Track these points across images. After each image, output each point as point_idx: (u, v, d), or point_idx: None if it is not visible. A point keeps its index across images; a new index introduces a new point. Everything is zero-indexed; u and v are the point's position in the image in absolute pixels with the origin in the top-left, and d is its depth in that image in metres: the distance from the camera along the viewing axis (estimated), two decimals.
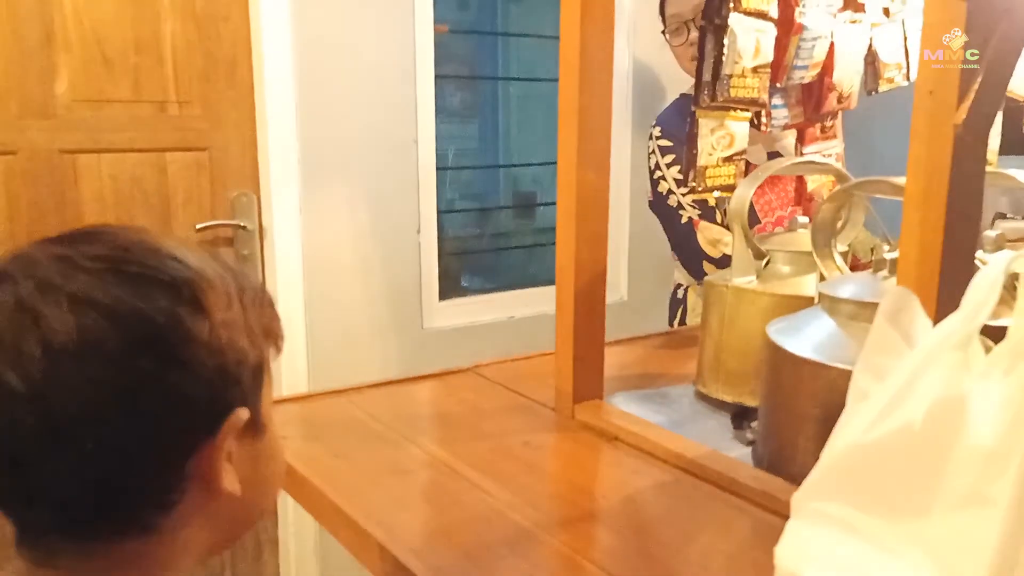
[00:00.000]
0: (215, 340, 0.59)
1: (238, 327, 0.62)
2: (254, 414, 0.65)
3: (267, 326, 0.67)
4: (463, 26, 2.76)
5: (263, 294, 0.68)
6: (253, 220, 2.15)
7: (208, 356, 0.59)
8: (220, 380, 0.60)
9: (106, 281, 0.56)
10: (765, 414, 1.17)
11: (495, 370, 1.56)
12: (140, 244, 0.60)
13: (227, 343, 0.60)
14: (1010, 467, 0.56)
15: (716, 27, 1.40)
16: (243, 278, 0.66)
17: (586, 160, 1.29)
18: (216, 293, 0.61)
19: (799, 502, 0.69)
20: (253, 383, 0.64)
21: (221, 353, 0.60)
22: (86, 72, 1.95)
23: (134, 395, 0.56)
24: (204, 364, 0.59)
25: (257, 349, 0.64)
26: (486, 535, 1.01)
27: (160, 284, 0.58)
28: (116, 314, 0.55)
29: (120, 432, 0.56)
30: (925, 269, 0.82)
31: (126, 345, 0.55)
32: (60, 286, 0.55)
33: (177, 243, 0.62)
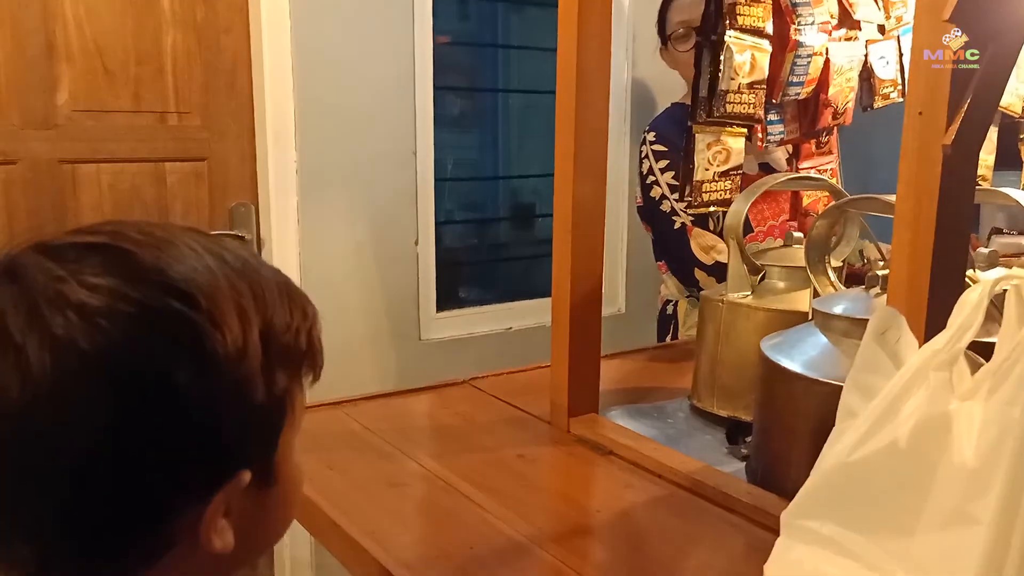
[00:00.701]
0: (215, 396, 0.52)
1: (250, 373, 0.53)
2: (265, 464, 0.58)
3: (298, 354, 0.59)
4: (463, 38, 2.78)
5: (296, 312, 0.59)
6: (251, 230, 2.16)
7: (204, 415, 0.52)
8: (217, 442, 0.53)
9: (95, 322, 0.49)
10: (759, 429, 1.18)
11: (491, 383, 1.56)
12: (145, 266, 0.52)
13: (231, 397, 0.53)
14: (993, 486, 0.57)
15: (712, 43, 1.41)
16: (271, 302, 0.56)
17: (583, 172, 1.30)
18: (225, 336, 0.52)
19: (788, 520, 0.70)
20: (267, 431, 0.57)
21: (221, 410, 0.52)
22: (87, 82, 1.96)
23: (111, 451, 0.50)
24: (198, 425, 0.51)
25: (278, 389, 0.56)
26: (480, 549, 1.01)
27: (157, 327, 0.50)
28: (98, 362, 0.49)
29: (96, 487, 0.50)
30: (915, 288, 0.83)
31: (105, 396, 0.49)
32: (46, 320, 0.49)
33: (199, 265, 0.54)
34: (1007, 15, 0.84)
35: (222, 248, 0.57)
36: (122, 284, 0.50)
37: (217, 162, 2.13)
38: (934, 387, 0.61)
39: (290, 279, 0.61)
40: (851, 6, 1.61)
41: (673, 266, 1.95)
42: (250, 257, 0.58)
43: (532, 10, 2.87)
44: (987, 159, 1.97)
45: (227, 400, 0.52)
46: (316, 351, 0.61)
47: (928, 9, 0.83)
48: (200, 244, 0.55)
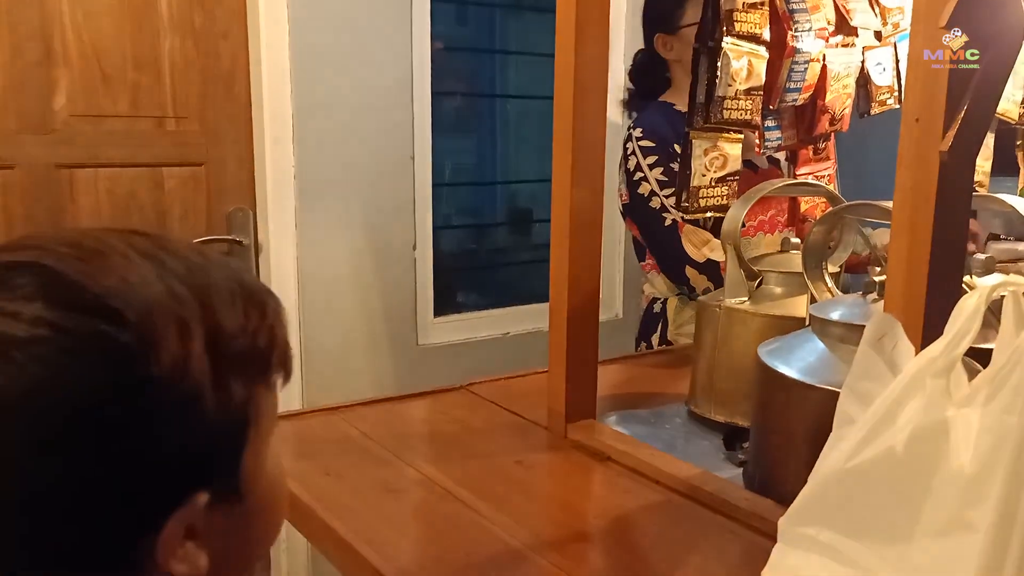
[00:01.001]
0: (153, 421, 0.47)
1: (195, 389, 0.49)
2: (229, 480, 0.53)
3: (259, 357, 0.54)
4: (461, 43, 2.78)
5: (253, 312, 0.54)
6: (249, 235, 2.16)
7: (143, 443, 0.47)
8: (163, 468, 0.49)
9: (10, 355, 0.44)
10: (756, 435, 1.18)
11: (488, 388, 1.56)
12: (69, 285, 0.47)
13: (174, 419, 0.48)
14: (990, 493, 0.57)
15: (709, 50, 1.42)
16: (220, 305, 0.52)
17: (580, 178, 1.30)
18: (160, 354, 0.47)
19: (785, 526, 0.69)
20: (225, 447, 0.53)
21: (164, 435, 0.48)
22: (85, 88, 1.96)
23: (45, 491, 0.46)
24: (137, 454, 0.47)
25: (235, 401, 0.52)
26: (477, 555, 1.01)
27: (82, 359, 0.45)
28: (13, 402, 0.44)
29: (38, 526, 0.46)
30: (912, 294, 0.83)
31: (33, 440, 0.45)
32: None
33: (130, 274, 0.49)
34: (1003, 22, 0.85)
35: (165, 252, 0.52)
36: (43, 308, 0.45)
37: (215, 167, 2.13)
38: (931, 394, 0.61)
39: (247, 275, 0.56)
40: (848, 13, 1.61)
41: (663, 264, 1.90)
42: (197, 257, 0.53)
43: (529, 15, 2.88)
44: (984, 165, 1.97)
45: (170, 423, 0.48)
46: (280, 350, 0.56)
47: (924, 16, 0.84)
48: (138, 251, 0.50)
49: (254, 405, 0.54)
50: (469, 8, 2.78)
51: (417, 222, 2.35)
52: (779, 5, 1.51)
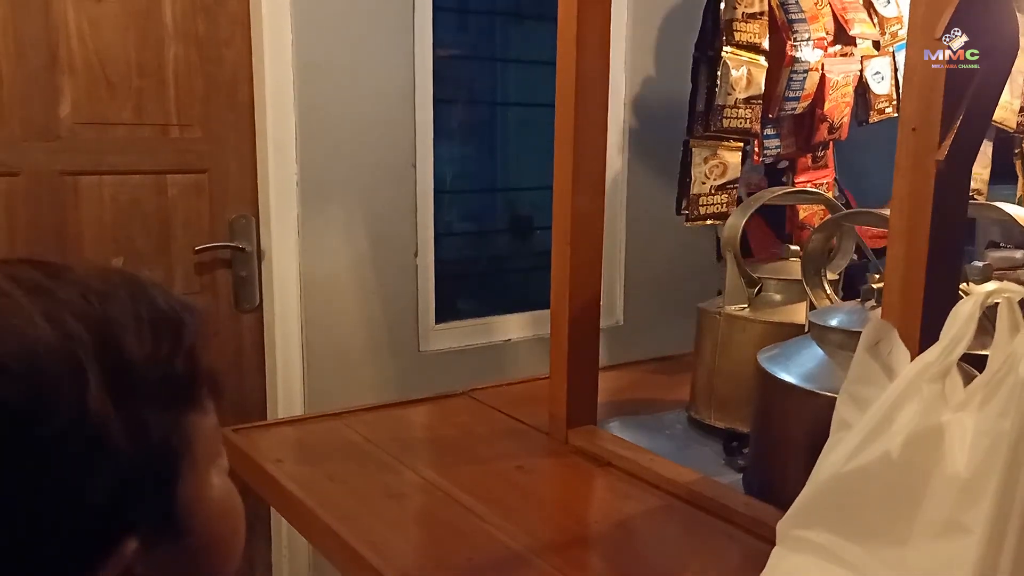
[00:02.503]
0: (54, 481, 0.42)
1: (98, 435, 0.43)
2: (165, 520, 0.49)
3: (177, 383, 0.49)
4: (463, 51, 2.79)
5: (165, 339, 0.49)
6: (251, 242, 2.17)
7: (47, 505, 0.42)
8: (76, 527, 0.44)
9: None
10: (756, 441, 1.19)
11: (489, 394, 1.57)
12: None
13: (79, 473, 0.43)
14: (985, 496, 0.58)
15: (709, 59, 1.43)
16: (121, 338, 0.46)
17: (581, 185, 1.32)
18: (55, 407, 0.42)
19: (784, 530, 0.70)
20: (152, 486, 0.47)
21: (69, 492, 0.43)
22: (89, 95, 1.97)
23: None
24: (43, 518, 0.42)
25: (154, 435, 0.47)
26: (478, 559, 1.02)
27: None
28: None
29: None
30: (909, 301, 0.84)
31: None
32: None
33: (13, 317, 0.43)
34: (998, 34, 0.86)
35: (59, 282, 0.47)
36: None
37: (218, 174, 2.13)
38: (927, 399, 0.62)
39: (163, 296, 0.51)
40: (847, 23, 1.63)
41: None
42: (99, 285, 0.48)
43: (531, 23, 2.89)
44: (982, 173, 1.99)
45: (75, 473, 0.43)
46: (201, 371, 0.51)
47: (921, 27, 0.85)
48: (24, 287, 0.45)
49: (181, 435, 0.49)
50: (471, 16, 2.80)
51: (419, 229, 2.36)
52: (778, 15, 1.52)
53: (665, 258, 2.76)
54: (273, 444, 1.35)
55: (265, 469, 1.23)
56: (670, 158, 1.81)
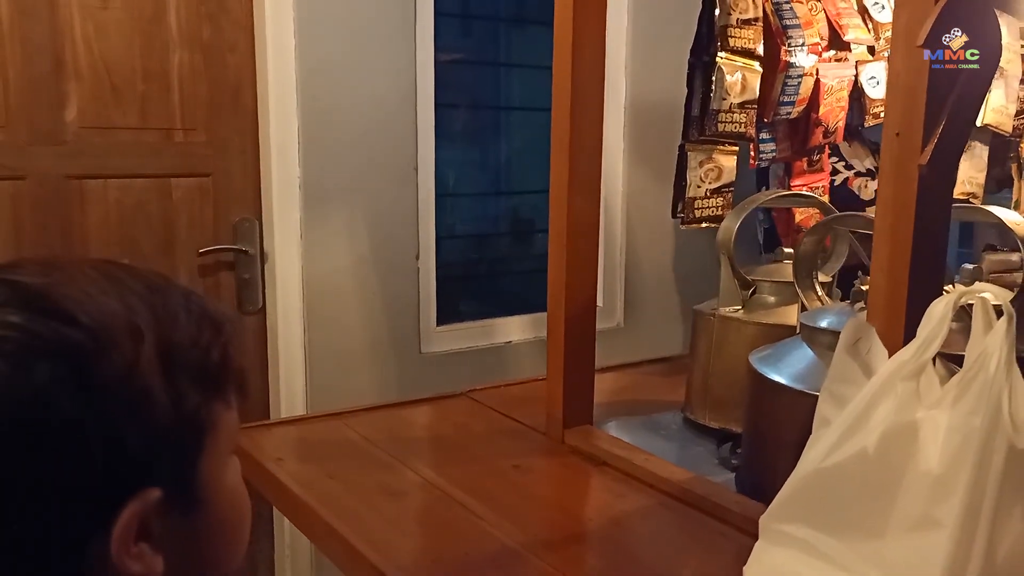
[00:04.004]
0: (105, 414, 0.50)
1: (145, 388, 0.52)
2: (181, 486, 0.55)
3: (213, 370, 0.57)
4: (466, 55, 2.82)
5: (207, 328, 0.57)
6: (255, 245, 2.19)
7: (96, 434, 0.50)
8: (114, 462, 0.51)
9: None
10: (748, 440, 1.21)
11: (488, 395, 1.59)
12: (30, 292, 0.52)
13: (125, 413, 0.51)
14: (956, 492, 0.60)
15: (704, 64, 1.45)
16: (173, 317, 0.56)
17: (577, 188, 1.33)
18: (114, 360, 0.51)
19: (766, 524, 0.72)
20: (176, 448, 0.55)
21: (114, 427, 0.51)
22: (95, 100, 1.99)
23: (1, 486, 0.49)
24: (88, 447, 0.50)
25: (187, 406, 0.55)
26: (475, 556, 1.04)
27: (40, 356, 0.50)
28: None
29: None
30: (893, 301, 0.86)
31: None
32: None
33: (90, 287, 0.53)
34: (980, 40, 0.88)
35: (127, 274, 0.57)
36: (9, 312, 0.50)
37: (222, 178, 2.16)
38: (902, 396, 0.64)
39: (210, 302, 0.60)
40: (841, 28, 1.64)
41: None
42: (159, 280, 0.58)
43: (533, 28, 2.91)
44: (978, 177, 2.00)
45: (120, 418, 0.51)
46: (232, 367, 0.59)
47: (903, 34, 0.87)
48: (100, 271, 0.56)
49: (209, 414, 0.56)
50: (474, 21, 2.82)
51: (421, 232, 2.38)
52: (773, 21, 1.54)
53: (665, 261, 2.78)
54: (275, 443, 1.38)
55: (266, 468, 1.25)
56: (669, 162, 1.83)
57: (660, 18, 2.57)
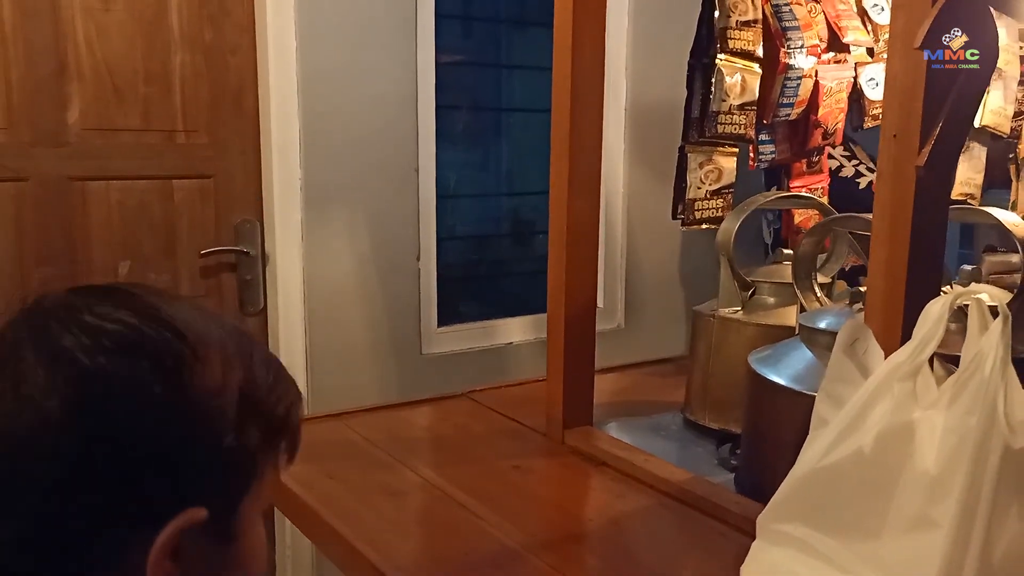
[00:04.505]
0: (183, 419, 0.54)
1: (222, 411, 0.56)
2: (225, 517, 0.58)
3: (276, 421, 0.61)
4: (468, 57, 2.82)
5: (280, 384, 0.62)
6: (256, 246, 2.20)
7: (170, 436, 0.54)
8: (177, 465, 0.54)
9: (96, 344, 0.54)
10: (747, 441, 1.21)
11: (488, 396, 1.59)
12: (147, 304, 0.58)
13: (199, 427, 0.55)
14: (952, 492, 0.60)
15: (704, 66, 1.45)
16: (256, 364, 0.60)
17: (576, 189, 1.34)
18: (206, 375, 0.56)
19: (763, 523, 0.73)
20: (229, 478, 0.58)
21: (186, 435, 0.55)
22: (97, 102, 2.00)
23: (71, 461, 0.52)
24: (162, 442, 0.54)
25: (248, 443, 0.58)
26: (474, 555, 1.04)
27: (145, 353, 0.54)
28: (85, 378, 0.52)
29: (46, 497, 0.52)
30: (891, 303, 0.86)
31: (77, 408, 0.52)
32: (53, 335, 0.54)
33: (195, 314, 0.59)
34: (977, 42, 0.88)
35: (221, 317, 0.62)
36: (126, 314, 0.56)
37: (223, 179, 2.16)
38: (898, 397, 0.64)
39: (282, 366, 0.64)
40: (840, 30, 1.65)
41: None
42: (245, 331, 0.64)
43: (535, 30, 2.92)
44: (976, 178, 2.00)
45: (194, 428, 0.55)
46: (294, 428, 0.63)
47: (901, 36, 0.87)
48: (199, 307, 0.62)
49: (264, 461, 0.60)
50: (475, 23, 2.83)
51: (422, 233, 2.38)
52: (772, 23, 1.54)
53: (665, 262, 2.79)
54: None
55: None
56: (670, 163, 1.83)
57: (660, 20, 2.57)
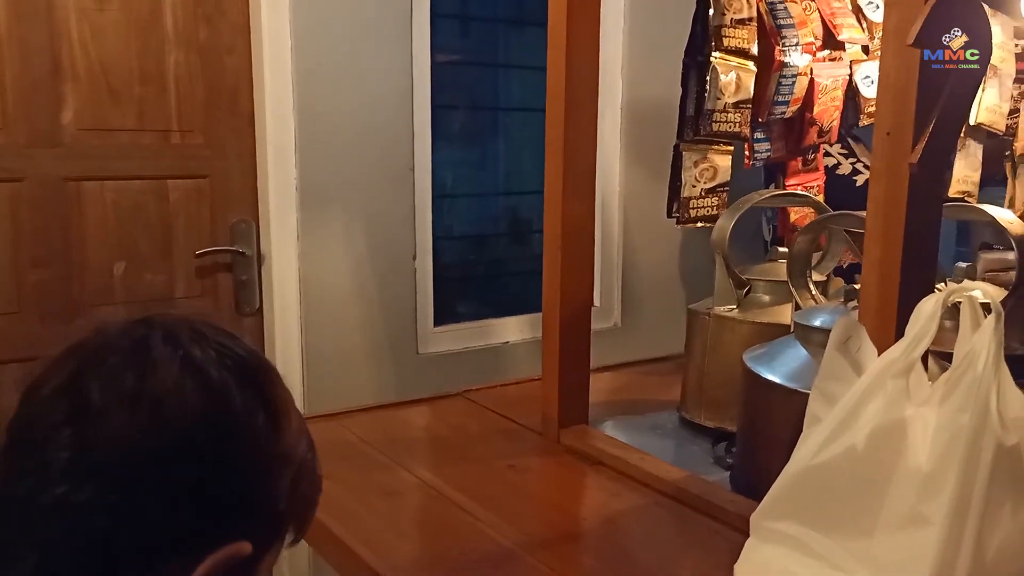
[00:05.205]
0: (266, 453, 0.59)
1: (288, 472, 0.61)
2: (253, 566, 0.60)
3: (309, 501, 0.65)
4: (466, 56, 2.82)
5: (320, 476, 0.66)
6: (252, 246, 2.19)
7: (252, 463, 0.58)
8: (247, 501, 0.58)
9: (222, 363, 0.58)
10: (742, 439, 1.21)
11: (484, 395, 1.59)
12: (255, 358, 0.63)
13: (273, 465, 0.60)
14: (945, 489, 0.60)
15: (699, 64, 1.45)
16: (311, 446, 0.65)
17: (572, 190, 1.34)
18: (291, 430, 0.61)
19: (756, 521, 0.73)
20: (269, 532, 0.61)
21: (262, 468, 0.59)
22: (92, 102, 2.00)
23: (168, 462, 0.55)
24: (247, 473, 0.58)
25: (288, 508, 0.62)
26: (470, 555, 1.04)
27: (259, 386, 0.60)
28: (211, 389, 0.57)
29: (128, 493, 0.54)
30: (885, 300, 0.86)
31: (197, 418, 0.56)
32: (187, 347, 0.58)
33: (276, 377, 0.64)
34: (971, 39, 0.88)
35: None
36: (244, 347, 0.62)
37: (219, 179, 2.16)
38: (891, 394, 0.64)
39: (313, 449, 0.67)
40: (835, 28, 1.65)
41: None
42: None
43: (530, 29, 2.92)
44: (972, 176, 2.00)
45: (272, 467, 0.59)
46: (313, 512, 0.66)
47: (894, 33, 0.87)
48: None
49: (285, 522, 0.63)
50: (474, 22, 2.82)
51: (417, 232, 2.38)
52: (767, 21, 1.54)
53: (662, 260, 2.79)
54: None
55: None
56: (666, 162, 1.83)
57: (656, 19, 2.58)
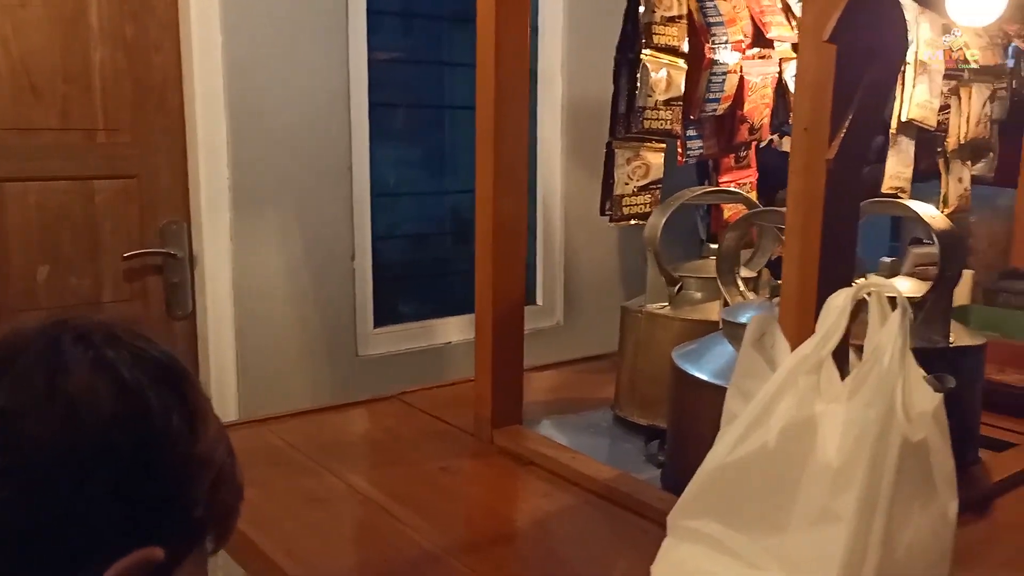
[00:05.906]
0: (187, 463, 0.58)
1: (207, 476, 0.60)
2: (168, 571, 0.59)
3: (225, 507, 0.63)
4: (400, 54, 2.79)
5: (238, 479, 0.65)
6: (183, 248, 2.14)
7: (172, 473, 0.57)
8: (166, 505, 0.57)
9: (136, 363, 0.57)
10: (672, 436, 1.21)
11: (420, 397, 1.57)
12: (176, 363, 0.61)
13: (194, 478, 0.58)
14: (853, 484, 0.60)
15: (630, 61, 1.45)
16: (230, 452, 0.64)
17: (503, 188, 1.32)
18: (208, 434, 0.60)
19: (673, 520, 0.72)
20: (187, 538, 0.60)
21: (184, 481, 0.58)
22: (14, 100, 1.93)
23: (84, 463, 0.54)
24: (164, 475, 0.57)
25: (207, 515, 0.61)
26: (395, 562, 1.02)
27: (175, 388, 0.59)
28: (125, 390, 0.56)
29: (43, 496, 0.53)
30: (804, 296, 0.86)
31: (111, 418, 0.55)
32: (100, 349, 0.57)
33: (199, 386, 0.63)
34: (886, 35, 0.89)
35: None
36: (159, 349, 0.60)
37: (148, 179, 2.11)
38: (802, 391, 0.64)
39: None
40: (764, 26, 1.66)
41: None
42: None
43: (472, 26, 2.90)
44: (904, 172, 2.04)
45: (190, 471, 0.58)
46: (235, 520, 0.65)
47: (811, 29, 0.87)
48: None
49: (205, 535, 0.62)
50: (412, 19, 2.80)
51: (356, 232, 2.35)
52: (696, 18, 1.55)
53: (604, 258, 2.79)
54: None
55: None
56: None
57: (596, 16, 2.58)
